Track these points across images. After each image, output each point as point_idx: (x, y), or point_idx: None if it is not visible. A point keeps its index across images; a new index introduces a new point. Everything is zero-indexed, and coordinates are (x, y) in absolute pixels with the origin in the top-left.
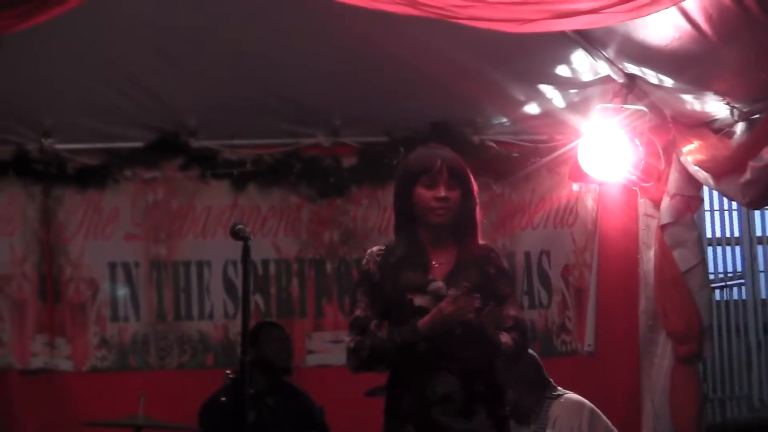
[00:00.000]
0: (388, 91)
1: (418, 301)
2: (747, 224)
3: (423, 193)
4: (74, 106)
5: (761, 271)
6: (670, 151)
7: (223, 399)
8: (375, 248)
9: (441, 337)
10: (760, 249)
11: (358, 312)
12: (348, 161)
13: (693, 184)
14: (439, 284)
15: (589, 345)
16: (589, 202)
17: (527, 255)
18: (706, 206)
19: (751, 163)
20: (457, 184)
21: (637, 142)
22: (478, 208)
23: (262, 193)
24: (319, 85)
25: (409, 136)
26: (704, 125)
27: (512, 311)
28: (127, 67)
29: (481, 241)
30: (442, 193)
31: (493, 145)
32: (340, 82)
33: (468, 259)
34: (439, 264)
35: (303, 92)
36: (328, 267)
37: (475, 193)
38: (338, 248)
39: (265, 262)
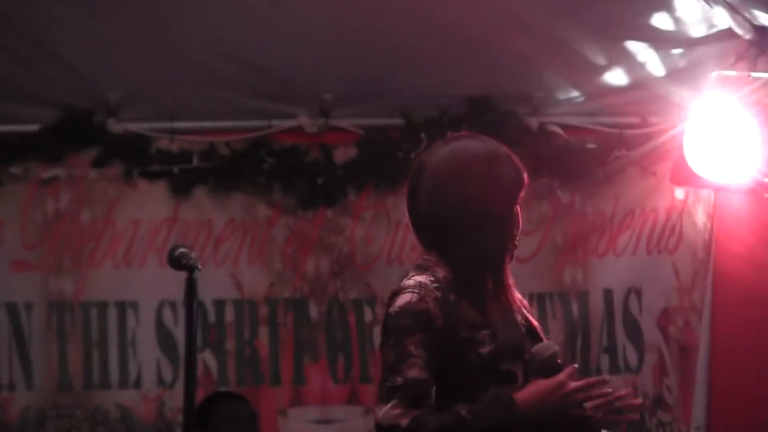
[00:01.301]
0: (402, 52)
1: (507, 363)
2: None
3: (518, 216)
4: None
5: None
6: None
7: None
8: (424, 278)
9: (544, 427)
10: None
11: (412, 373)
12: (343, 154)
13: None
14: (552, 346)
15: (698, 428)
16: (700, 217)
17: (608, 294)
18: None
19: None
20: None
21: None
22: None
23: (217, 200)
24: (302, 43)
25: (435, 117)
26: None
27: None
28: (15, 18)
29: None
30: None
31: (559, 131)
32: (332, 39)
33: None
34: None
35: (277, 54)
36: (314, 311)
37: None
38: (328, 283)
39: (220, 304)
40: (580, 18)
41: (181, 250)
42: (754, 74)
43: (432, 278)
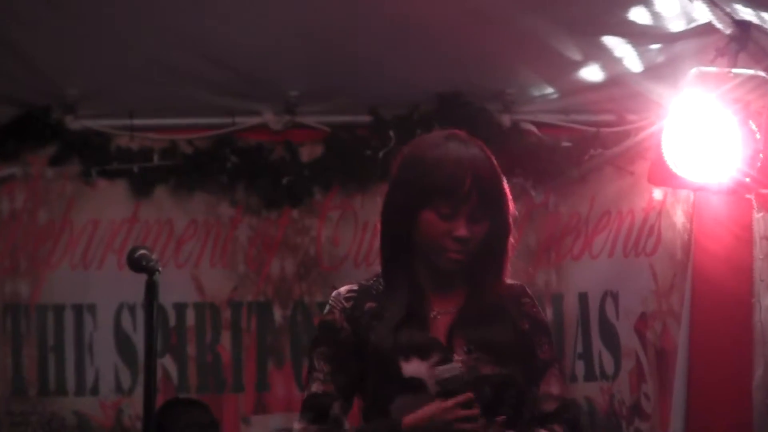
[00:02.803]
0: (370, 46)
1: (411, 369)
2: None
3: (433, 224)
4: None
5: None
6: None
7: None
8: (344, 289)
9: None
10: None
11: (314, 387)
12: (309, 152)
13: None
14: (456, 368)
15: None
16: (679, 218)
17: (583, 298)
18: None
19: None
20: (487, 214)
21: (753, 126)
22: (510, 237)
23: (178, 200)
24: (267, 37)
25: (404, 115)
26: None
27: (555, 389)
28: None
29: (508, 280)
30: (464, 231)
31: (533, 129)
32: (298, 34)
33: (487, 306)
34: (442, 314)
35: (241, 49)
36: (278, 314)
37: (511, 220)
38: (293, 285)
39: (181, 308)
40: (555, 12)
41: (141, 251)
42: (734, 70)
43: (357, 286)
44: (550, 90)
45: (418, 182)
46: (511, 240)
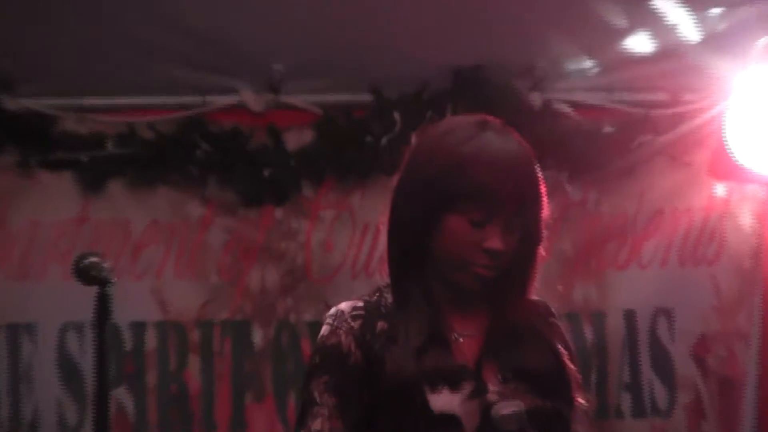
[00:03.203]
0: (372, 11)
1: (442, 403)
2: None
3: (461, 232)
4: None
5: None
6: None
7: None
8: (347, 306)
9: None
10: None
11: (316, 425)
12: (297, 139)
13: None
14: (516, 405)
15: None
16: (746, 219)
17: (629, 317)
18: None
19: None
20: (522, 222)
21: None
22: (540, 248)
23: (136, 196)
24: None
25: (412, 93)
26: None
27: (581, 430)
28: None
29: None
30: (497, 243)
31: (568, 110)
32: None
33: (518, 327)
34: (465, 336)
35: (214, 14)
36: (258, 336)
37: (543, 227)
38: (277, 301)
39: (139, 328)
40: None
41: (91, 259)
42: None
43: (362, 302)
44: (589, 63)
45: (445, 180)
46: (541, 251)
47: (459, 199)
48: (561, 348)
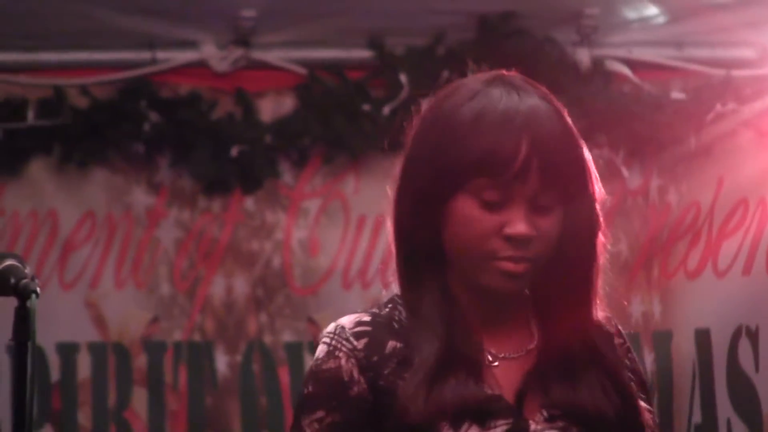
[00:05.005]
0: None
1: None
2: None
3: (472, 216)
4: None
5: None
6: None
7: None
8: (348, 321)
9: None
10: None
11: None
12: (273, 107)
13: None
14: None
15: None
16: None
17: (702, 338)
18: None
19: None
20: (558, 199)
21: None
22: (600, 235)
23: (65, 181)
24: None
25: (423, 48)
26: None
27: None
28: None
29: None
30: (521, 227)
31: (625, 71)
32: None
33: (575, 350)
34: (502, 359)
35: None
36: (222, 362)
37: (598, 207)
38: (247, 317)
39: (69, 351)
40: None
41: (8, 262)
42: None
43: (369, 317)
44: (652, 11)
45: (445, 153)
46: (601, 239)
47: (463, 174)
48: (631, 381)
